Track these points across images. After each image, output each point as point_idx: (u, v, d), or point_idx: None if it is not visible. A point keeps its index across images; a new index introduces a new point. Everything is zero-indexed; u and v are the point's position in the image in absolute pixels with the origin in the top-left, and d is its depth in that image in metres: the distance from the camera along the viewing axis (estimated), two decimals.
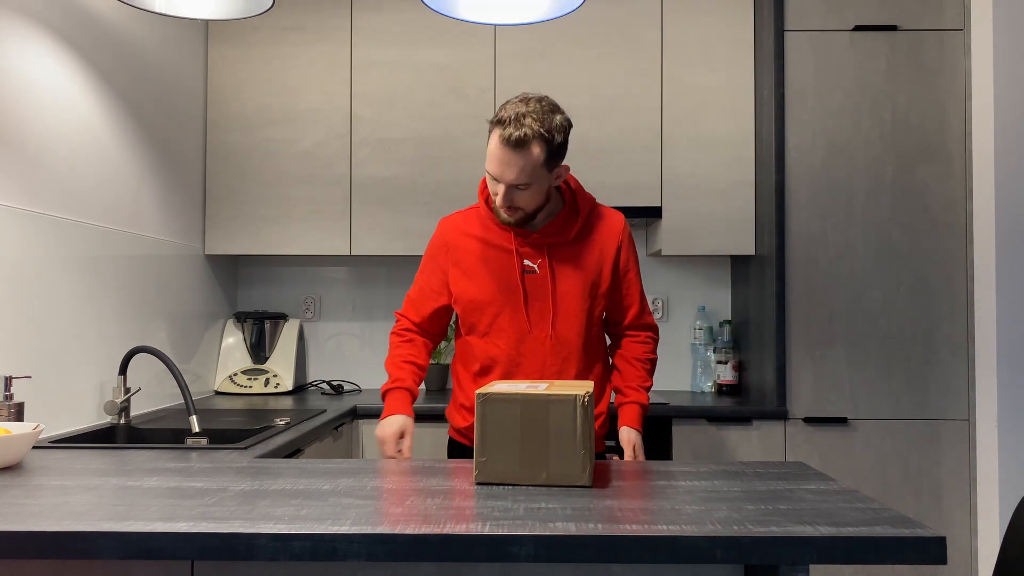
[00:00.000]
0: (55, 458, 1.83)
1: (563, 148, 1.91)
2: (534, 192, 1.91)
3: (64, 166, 2.36)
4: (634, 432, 2.03)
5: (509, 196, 1.91)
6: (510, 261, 2.01)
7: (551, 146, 1.86)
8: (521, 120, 1.82)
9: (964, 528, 2.94)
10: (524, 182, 1.87)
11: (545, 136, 1.84)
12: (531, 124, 1.82)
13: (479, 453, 1.53)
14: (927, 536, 1.20)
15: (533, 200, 1.93)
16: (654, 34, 3.30)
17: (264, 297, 3.69)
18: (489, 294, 2.02)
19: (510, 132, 1.82)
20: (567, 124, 1.91)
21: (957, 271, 2.99)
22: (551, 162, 1.89)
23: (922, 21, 3.02)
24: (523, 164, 1.84)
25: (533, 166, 1.85)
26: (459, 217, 2.12)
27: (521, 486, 1.51)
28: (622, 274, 2.07)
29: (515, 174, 1.86)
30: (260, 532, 1.21)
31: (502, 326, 2.02)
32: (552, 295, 2.00)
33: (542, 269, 2.00)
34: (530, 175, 1.86)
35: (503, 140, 1.83)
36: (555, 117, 1.87)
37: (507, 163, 1.85)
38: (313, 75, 3.35)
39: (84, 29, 2.47)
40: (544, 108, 1.86)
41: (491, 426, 1.53)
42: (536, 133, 1.82)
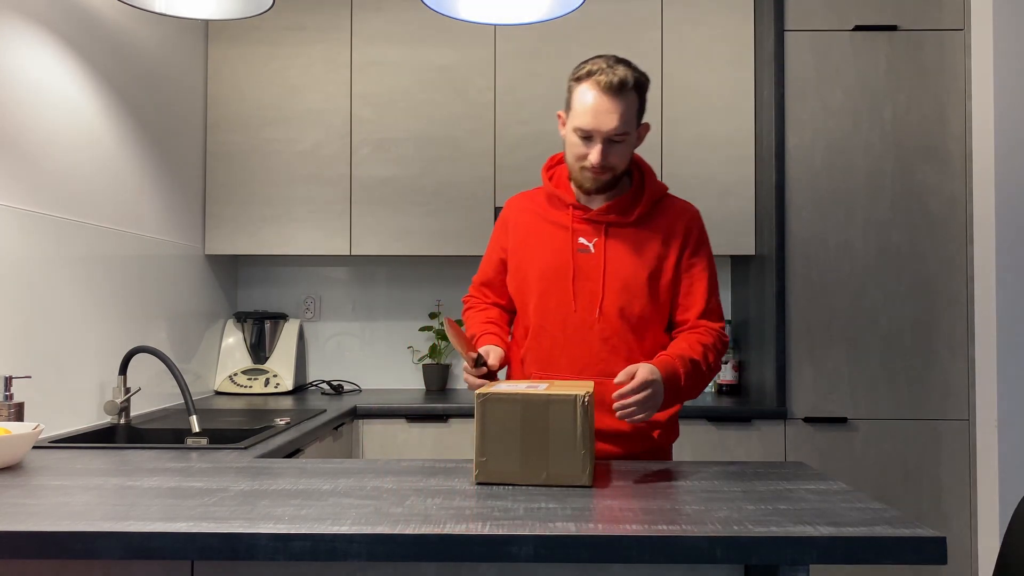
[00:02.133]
0: (55, 458, 1.83)
1: (645, 104, 1.83)
2: (628, 148, 1.81)
3: (64, 166, 2.36)
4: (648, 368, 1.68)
5: (606, 153, 1.77)
6: (564, 238, 1.88)
7: (643, 94, 1.80)
8: (615, 67, 1.75)
9: (964, 528, 2.94)
10: (623, 131, 1.76)
11: (641, 81, 1.78)
12: (624, 70, 1.75)
13: (479, 453, 1.53)
14: (927, 536, 1.20)
15: (626, 155, 1.82)
16: (654, 34, 3.30)
17: (264, 297, 3.69)
18: (537, 270, 1.89)
19: (608, 77, 1.73)
20: (648, 79, 1.85)
21: (957, 271, 2.99)
22: (639, 114, 1.81)
23: (922, 21, 3.02)
24: (623, 109, 1.75)
25: (632, 114, 1.77)
26: (522, 196, 2.02)
27: (521, 486, 1.51)
28: (685, 268, 1.88)
29: (616, 121, 1.74)
30: (260, 532, 1.21)
31: (549, 306, 1.88)
32: (603, 277, 1.85)
33: (597, 249, 1.86)
34: (628, 123, 1.77)
35: (603, 86, 1.73)
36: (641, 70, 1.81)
37: (607, 110, 1.74)
38: (313, 75, 3.35)
39: (84, 29, 2.47)
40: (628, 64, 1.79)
41: (491, 426, 1.53)
42: (633, 78, 1.76)
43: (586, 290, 1.85)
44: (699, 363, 1.78)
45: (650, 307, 1.86)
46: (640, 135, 1.85)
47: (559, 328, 1.87)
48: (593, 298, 1.85)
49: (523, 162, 3.28)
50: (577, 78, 1.79)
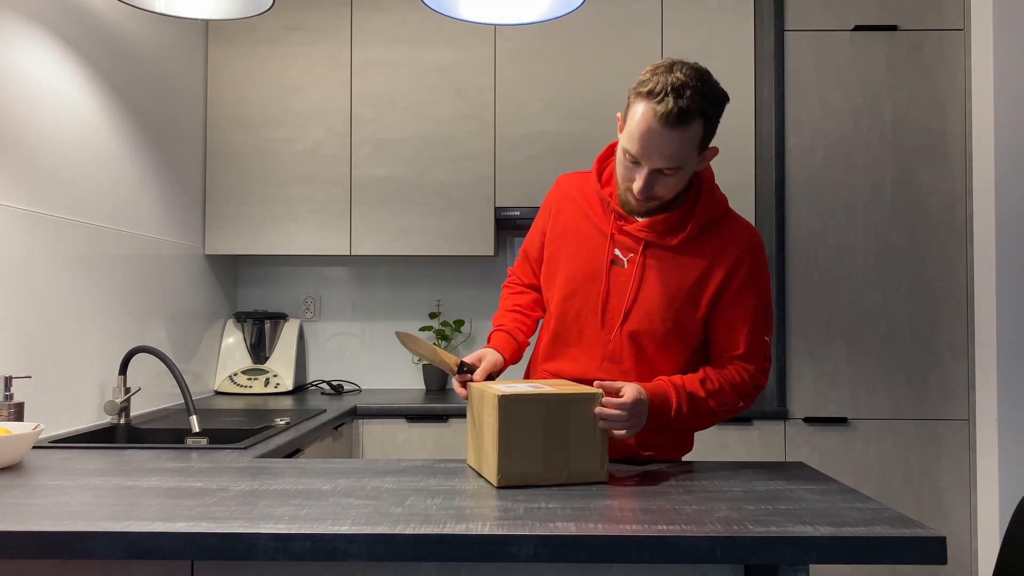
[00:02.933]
0: (55, 458, 1.83)
1: (716, 128, 1.60)
2: (679, 179, 1.60)
3: (64, 166, 2.36)
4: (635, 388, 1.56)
5: (651, 184, 1.58)
6: (601, 244, 1.71)
7: (711, 125, 1.56)
8: (682, 91, 1.51)
9: (964, 528, 2.94)
10: (674, 166, 1.55)
11: (708, 112, 1.54)
12: (694, 97, 1.51)
13: (503, 456, 1.49)
14: (927, 536, 1.20)
15: (676, 187, 1.61)
16: (654, 34, 3.30)
17: (264, 297, 3.69)
18: (568, 272, 1.74)
19: (670, 106, 1.49)
20: (725, 97, 1.60)
21: (957, 271, 2.99)
22: (704, 143, 1.58)
23: (922, 21, 3.02)
24: (679, 145, 1.53)
25: (688, 148, 1.55)
26: (575, 179, 1.82)
27: (532, 487, 1.51)
28: (727, 304, 1.67)
29: (667, 157, 1.54)
30: (260, 532, 1.21)
31: (568, 312, 1.75)
32: (632, 297, 1.68)
33: (631, 265, 1.69)
34: (683, 158, 1.55)
35: (660, 117, 1.50)
36: (716, 89, 1.57)
37: (659, 143, 1.52)
38: (313, 75, 3.35)
39: (84, 29, 2.47)
40: (704, 77, 1.56)
41: (515, 428, 1.50)
42: (700, 108, 1.52)
43: (612, 306, 1.70)
44: (700, 399, 1.63)
45: (672, 339, 1.69)
46: (704, 158, 1.63)
47: (574, 336, 1.75)
48: (614, 317, 1.70)
49: (523, 162, 3.28)
50: (638, 92, 1.56)
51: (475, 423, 1.63)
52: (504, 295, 1.94)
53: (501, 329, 1.83)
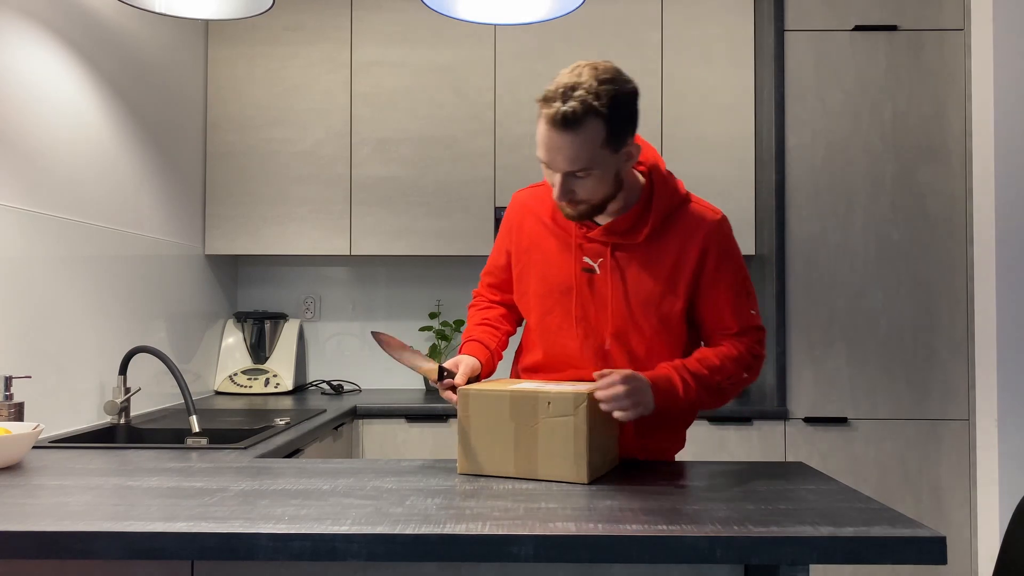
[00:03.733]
0: (55, 458, 1.83)
1: (628, 123, 1.56)
2: (597, 180, 1.57)
3: (64, 166, 2.36)
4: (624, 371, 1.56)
5: (567, 187, 1.57)
6: (566, 255, 1.70)
7: (611, 121, 1.52)
8: (570, 94, 1.50)
9: (964, 528, 2.94)
10: (582, 167, 1.54)
11: (600, 110, 1.50)
12: (583, 98, 1.50)
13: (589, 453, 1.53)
14: (927, 536, 1.20)
15: (598, 189, 1.59)
16: (654, 34, 3.30)
17: (264, 297, 3.69)
18: (541, 288, 1.73)
19: (558, 109, 1.50)
20: (631, 92, 1.56)
21: (957, 271, 2.99)
22: (615, 141, 1.54)
23: (922, 21, 3.02)
24: (577, 147, 1.51)
25: (590, 148, 1.52)
26: (529, 193, 1.82)
27: (521, 485, 1.51)
28: (706, 287, 1.68)
29: (570, 160, 1.53)
30: (260, 532, 1.21)
31: (550, 327, 1.73)
32: (611, 303, 1.67)
33: (603, 270, 1.68)
34: (589, 159, 1.53)
35: (550, 120, 1.51)
36: (613, 85, 1.53)
37: (558, 147, 1.52)
38: (313, 75, 3.35)
39: (84, 29, 2.47)
40: (599, 75, 1.53)
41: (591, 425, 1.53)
42: (588, 107, 1.49)
43: (593, 316, 1.70)
44: (704, 376, 1.62)
45: (660, 336, 1.69)
46: (628, 155, 1.60)
47: (560, 350, 1.74)
48: (601, 326, 1.69)
49: (523, 162, 3.28)
50: (540, 98, 1.57)
51: (496, 428, 1.58)
52: (470, 313, 1.92)
53: (471, 339, 1.81)
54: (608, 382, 1.54)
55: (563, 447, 1.53)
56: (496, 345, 1.83)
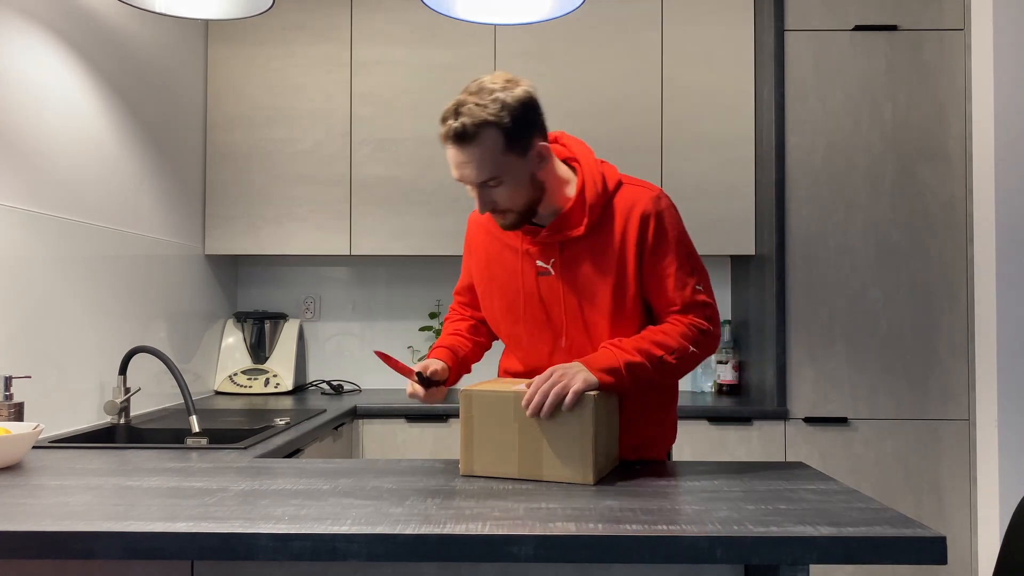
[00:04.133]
0: (55, 458, 1.83)
1: (528, 126, 1.60)
2: (512, 187, 1.61)
3: (64, 166, 2.36)
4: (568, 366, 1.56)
5: (486, 199, 1.62)
6: (519, 264, 1.74)
7: (505, 127, 1.55)
8: (458, 110, 1.56)
9: (964, 528, 2.94)
10: (489, 176, 1.58)
11: (491, 119, 1.54)
12: (471, 110, 1.55)
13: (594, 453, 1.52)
14: (927, 536, 1.20)
15: (517, 196, 1.62)
16: (654, 34, 3.30)
17: (264, 297, 3.69)
18: (503, 301, 1.77)
19: (449, 126, 1.56)
20: (522, 97, 1.59)
21: (957, 271, 2.99)
22: (516, 146, 1.58)
23: (922, 21, 3.02)
24: (478, 158, 1.56)
25: (492, 157, 1.57)
26: None
27: (521, 485, 1.51)
28: (649, 269, 1.69)
29: (475, 172, 1.58)
30: (260, 532, 1.21)
31: (521, 338, 1.78)
32: (565, 301, 1.71)
33: (556, 270, 1.71)
34: (493, 168, 1.57)
35: (445, 139, 1.58)
36: (502, 94, 1.57)
37: (462, 163, 1.58)
38: (313, 75, 3.35)
39: (84, 29, 2.47)
40: (487, 86, 1.58)
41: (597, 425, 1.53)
42: (479, 118, 1.54)
43: (554, 316, 1.73)
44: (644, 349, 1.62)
45: (621, 324, 1.70)
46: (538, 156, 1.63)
47: (535, 357, 1.77)
48: (564, 325, 1.72)
49: None
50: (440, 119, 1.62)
51: (499, 429, 1.58)
52: (444, 325, 1.96)
53: (440, 346, 1.85)
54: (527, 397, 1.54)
55: (568, 448, 1.53)
56: (465, 353, 1.86)
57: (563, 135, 1.79)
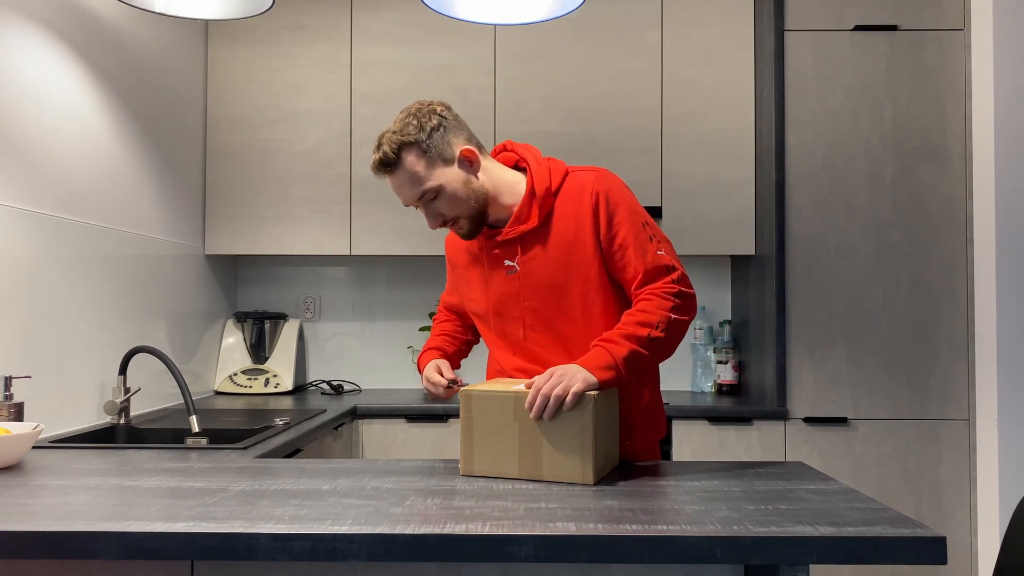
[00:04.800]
0: (55, 458, 1.83)
1: (444, 135, 1.71)
2: (450, 195, 1.71)
3: (64, 166, 2.37)
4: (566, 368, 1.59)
5: (432, 212, 1.74)
6: (487, 267, 1.82)
7: (421, 144, 1.69)
8: (379, 144, 1.71)
9: (964, 528, 2.94)
10: (424, 190, 1.70)
11: (407, 140, 1.68)
12: (388, 139, 1.69)
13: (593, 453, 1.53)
14: (927, 536, 1.20)
15: (458, 203, 1.72)
16: (654, 34, 3.30)
17: (264, 297, 3.69)
18: (480, 305, 1.86)
19: (374, 159, 1.71)
20: (433, 111, 1.72)
21: (957, 271, 2.99)
22: (438, 157, 1.70)
23: (922, 21, 3.02)
24: (408, 180, 1.70)
25: (418, 173, 1.69)
26: None
27: (521, 485, 1.51)
28: (607, 246, 1.74)
29: (408, 191, 1.71)
30: (260, 532, 1.21)
31: (498, 336, 1.86)
32: (534, 292, 1.77)
33: (521, 266, 1.78)
34: (423, 181, 1.69)
35: (375, 170, 1.73)
36: (413, 117, 1.71)
37: (397, 187, 1.72)
38: (313, 75, 3.35)
39: (84, 29, 2.47)
40: (402, 115, 1.72)
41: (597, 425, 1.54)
42: (395, 143, 1.68)
43: (528, 311, 1.79)
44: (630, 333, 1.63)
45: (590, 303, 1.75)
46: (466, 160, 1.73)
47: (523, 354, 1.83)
48: (536, 317, 1.78)
49: None
50: None
51: (499, 429, 1.58)
52: (432, 327, 2.08)
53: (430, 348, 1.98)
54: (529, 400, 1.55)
55: (568, 448, 1.53)
56: (453, 352, 1.99)
57: (510, 142, 1.88)
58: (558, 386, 1.53)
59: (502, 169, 1.81)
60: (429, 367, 1.87)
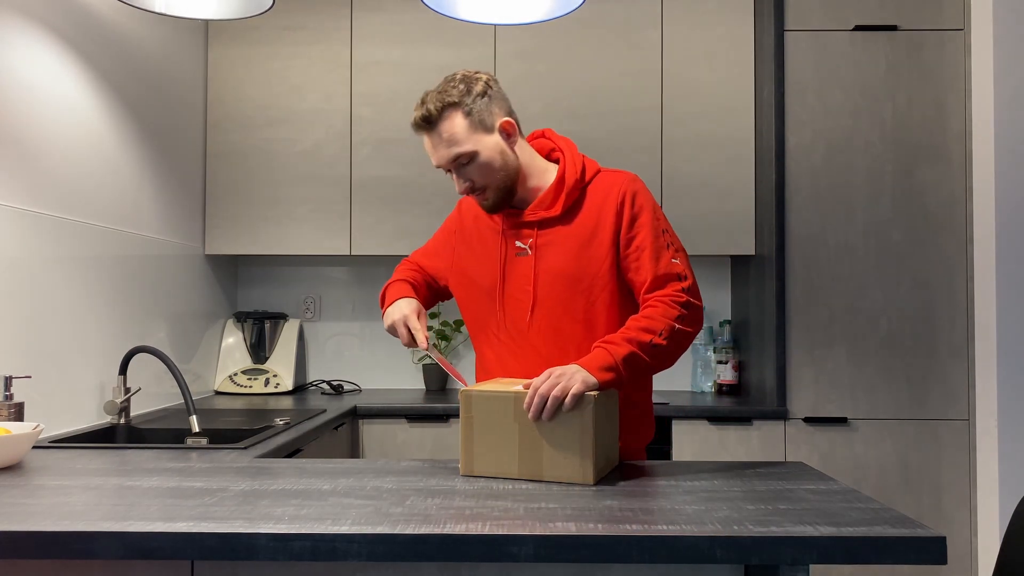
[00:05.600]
0: (55, 458, 1.83)
1: (488, 104, 1.73)
2: (484, 162, 1.72)
3: (64, 166, 2.36)
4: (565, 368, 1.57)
5: (462, 177, 1.74)
6: (497, 243, 1.82)
7: (465, 106, 1.70)
8: (424, 99, 1.72)
9: (964, 528, 2.94)
10: (458, 153, 1.70)
11: (452, 100, 1.70)
12: (432, 98, 1.71)
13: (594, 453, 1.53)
14: (927, 536, 1.20)
15: (491, 172, 1.73)
16: (654, 34, 3.30)
17: (264, 297, 3.69)
18: (487, 280, 1.83)
19: (414, 116, 1.72)
20: (481, 79, 1.74)
21: (957, 271, 2.99)
22: (479, 123, 1.71)
23: (922, 21, 3.02)
24: (447, 139, 1.70)
25: (457, 134, 1.70)
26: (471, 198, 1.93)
27: (521, 485, 1.51)
28: (625, 246, 1.74)
29: (445, 151, 1.71)
30: (260, 532, 1.21)
31: (484, 315, 1.84)
32: (540, 278, 1.77)
33: (533, 250, 1.78)
34: (461, 143, 1.70)
35: (415, 127, 1.73)
36: (461, 82, 1.72)
37: (433, 146, 1.72)
38: (313, 75, 3.35)
39: (84, 29, 2.47)
40: (449, 79, 1.74)
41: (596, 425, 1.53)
42: (439, 102, 1.69)
43: (521, 294, 1.78)
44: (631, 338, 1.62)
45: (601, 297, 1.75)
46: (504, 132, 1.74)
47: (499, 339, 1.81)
48: (527, 302, 1.78)
49: None
50: None
51: (499, 430, 1.58)
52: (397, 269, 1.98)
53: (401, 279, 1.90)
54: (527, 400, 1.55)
55: (568, 448, 1.53)
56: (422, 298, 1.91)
57: (550, 131, 1.89)
58: (556, 387, 1.53)
59: (534, 154, 1.83)
60: (402, 304, 1.80)
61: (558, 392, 1.52)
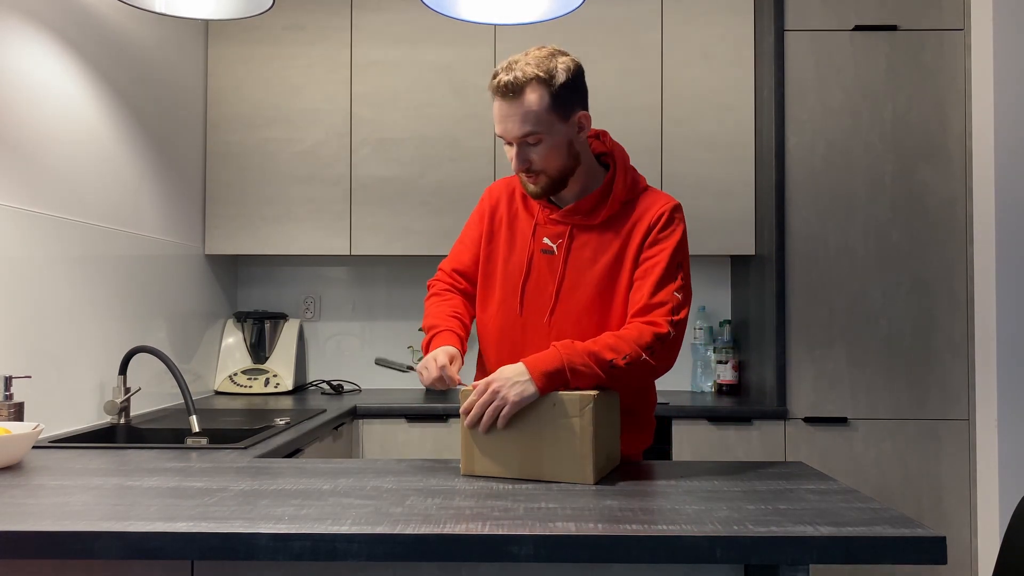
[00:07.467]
0: (55, 458, 1.83)
1: (573, 92, 1.69)
2: (550, 147, 1.68)
3: (64, 166, 2.36)
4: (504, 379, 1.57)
5: (523, 155, 1.69)
6: (529, 235, 1.80)
7: (553, 87, 1.64)
8: (512, 65, 1.65)
9: (964, 528, 2.94)
10: (530, 131, 1.65)
11: (542, 77, 1.64)
12: (523, 67, 1.63)
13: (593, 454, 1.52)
14: (927, 536, 1.20)
15: (552, 157, 1.69)
16: (654, 34, 3.30)
17: (264, 297, 3.69)
18: (502, 267, 1.82)
19: (500, 80, 1.64)
20: (572, 65, 1.69)
21: (957, 271, 2.99)
22: (560, 108, 1.66)
23: (922, 21, 3.02)
24: (524, 112, 1.64)
25: (537, 112, 1.64)
26: (504, 183, 1.92)
27: (521, 485, 1.51)
28: (641, 260, 1.73)
29: (518, 125, 1.65)
30: (260, 532, 1.21)
31: (494, 306, 1.82)
32: (560, 281, 1.76)
33: (560, 251, 1.76)
34: (536, 122, 1.65)
35: (495, 90, 1.65)
36: (554, 59, 1.67)
37: (506, 115, 1.66)
38: (313, 75, 3.35)
39: (84, 29, 2.47)
40: (541, 52, 1.68)
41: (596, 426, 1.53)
42: (530, 75, 1.63)
43: (541, 294, 1.77)
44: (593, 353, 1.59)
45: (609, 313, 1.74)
46: (578, 125, 1.71)
47: (505, 332, 1.80)
48: (545, 304, 1.76)
49: None
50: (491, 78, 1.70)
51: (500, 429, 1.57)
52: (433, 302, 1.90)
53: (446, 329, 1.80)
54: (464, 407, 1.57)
55: (568, 448, 1.53)
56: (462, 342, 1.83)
57: (606, 133, 1.85)
58: (493, 402, 1.55)
59: (591, 154, 1.80)
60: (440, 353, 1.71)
61: (496, 406, 1.55)
